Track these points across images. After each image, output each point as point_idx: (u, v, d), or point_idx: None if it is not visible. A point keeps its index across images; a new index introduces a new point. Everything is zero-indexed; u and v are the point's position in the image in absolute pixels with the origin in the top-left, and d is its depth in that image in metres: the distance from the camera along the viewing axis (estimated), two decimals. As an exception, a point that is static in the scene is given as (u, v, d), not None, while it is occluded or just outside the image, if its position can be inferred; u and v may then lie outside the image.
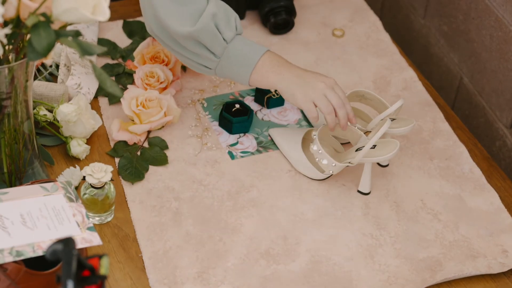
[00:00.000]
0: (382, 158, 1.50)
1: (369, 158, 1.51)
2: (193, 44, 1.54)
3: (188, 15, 1.52)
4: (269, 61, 1.55)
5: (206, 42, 1.53)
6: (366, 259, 1.46)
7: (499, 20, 1.74)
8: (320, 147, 1.51)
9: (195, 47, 1.54)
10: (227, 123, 1.65)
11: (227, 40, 1.54)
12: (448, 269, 1.45)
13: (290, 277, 1.43)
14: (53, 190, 1.35)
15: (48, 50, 1.15)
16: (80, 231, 1.30)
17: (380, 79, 1.81)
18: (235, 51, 1.54)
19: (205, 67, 1.58)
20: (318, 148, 1.52)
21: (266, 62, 1.55)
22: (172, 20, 1.52)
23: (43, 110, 1.59)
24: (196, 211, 1.51)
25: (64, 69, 1.69)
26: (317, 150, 1.52)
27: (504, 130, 1.77)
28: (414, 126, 1.56)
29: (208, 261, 1.44)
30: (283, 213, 1.53)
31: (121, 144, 1.61)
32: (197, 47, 1.54)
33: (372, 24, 1.94)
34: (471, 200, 1.58)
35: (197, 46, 1.54)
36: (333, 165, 1.51)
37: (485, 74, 1.82)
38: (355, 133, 1.55)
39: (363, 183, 1.55)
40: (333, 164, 1.51)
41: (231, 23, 1.55)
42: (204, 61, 1.56)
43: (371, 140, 1.49)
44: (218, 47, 1.54)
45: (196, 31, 1.51)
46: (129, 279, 1.41)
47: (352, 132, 1.56)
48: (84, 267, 1.08)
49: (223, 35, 1.54)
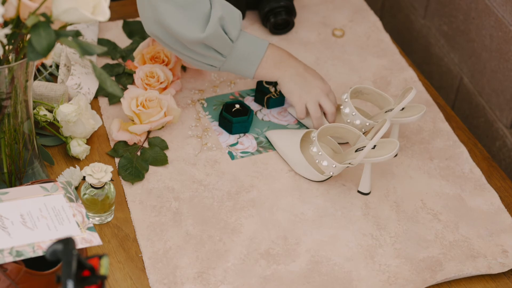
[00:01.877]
0: (382, 158, 1.50)
1: (369, 159, 1.51)
2: (201, 48, 1.58)
3: (195, 20, 1.54)
4: (272, 56, 1.63)
5: (215, 45, 1.57)
6: (366, 259, 1.46)
7: (499, 20, 1.74)
8: (320, 149, 1.51)
9: (203, 50, 1.58)
10: (227, 123, 1.65)
11: (233, 39, 1.59)
12: (448, 269, 1.45)
13: (290, 277, 1.43)
14: (53, 190, 1.35)
15: (48, 50, 1.15)
16: (80, 231, 1.30)
17: (380, 79, 1.81)
18: (240, 49, 1.60)
19: (210, 66, 1.62)
20: (318, 149, 1.51)
21: (270, 58, 1.63)
22: (180, 27, 1.54)
23: (43, 110, 1.59)
24: (196, 211, 1.51)
25: (64, 69, 1.68)
26: (317, 152, 1.52)
27: (504, 130, 1.77)
28: (425, 112, 1.61)
29: (208, 261, 1.44)
30: (283, 213, 1.53)
31: (121, 144, 1.61)
32: (205, 50, 1.58)
33: (372, 24, 1.94)
34: (471, 200, 1.58)
35: (205, 49, 1.58)
36: (334, 166, 1.51)
37: (485, 74, 1.82)
38: (353, 134, 1.55)
39: (363, 183, 1.55)
40: (333, 166, 1.51)
41: (236, 22, 1.59)
42: (210, 60, 1.61)
43: (372, 140, 1.49)
44: (225, 48, 1.59)
45: (206, 37, 1.55)
46: (129, 279, 1.41)
47: (350, 132, 1.56)
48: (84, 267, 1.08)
49: (230, 35, 1.58)
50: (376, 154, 1.51)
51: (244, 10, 1.90)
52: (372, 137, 1.51)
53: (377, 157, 1.50)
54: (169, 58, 1.71)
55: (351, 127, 1.55)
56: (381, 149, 1.52)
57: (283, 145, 1.61)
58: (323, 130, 1.56)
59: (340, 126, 1.56)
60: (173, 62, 1.71)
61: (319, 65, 1.82)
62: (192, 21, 1.54)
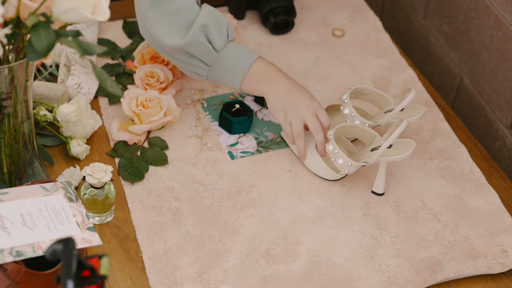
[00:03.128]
0: (398, 157, 1.50)
1: (386, 158, 1.51)
2: (183, 55, 1.55)
3: (177, 26, 1.52)
4: (258, 70, 1.57)
5: (197, 53, 1.55)
6: (366, 259, 1.46)
7: (499, 20, 1.74)
8: (336, 147, 1.51)
9: (186, 58, 1.56)
10: (227, 123, 1.65)
11: (218, 49, 1.55)
12: (448, 269, 1.45)
13: (290, 277, 1.43)
14: (53, 190, 1.35)
15: (48, 50, 1.15)
16: (80, 231, 1.30)
17: (380, 79, 1.81)
18: (226, 59, 1.56)
19: (196, 74, 1.60)
20: (334, 147, 1.51)
21: (256, 71, 1.57)
22: (161, 34, 1.53)
23: (43, 110, 1.59)
24: (196, 211, 1.51)
25: (64, 69, 1.68)
26: (333, 149, 1.52)
27: (504, 130, 1.77)
28: (425, 112, 1.60)
29: (208, 261, 1.44)
30: (283, 213, 1.53)
31: (121, 144, 1.61)
32: (188, 58, 1.56)
33: (372, 24, 1.94)
34: (471, 200, 1.58)
35: (187, 56, 1.56)
36: (349, 164, 1.51)
37: (485, 74, 1.82)
38: (369, 134, 1.55)
39: (377, 183, 1.55)
40: (349, 164, 1.51)
41: (222, 31, 1.55)
42: (195, 69, 1.58)
43: (388, 139, 1.49)
44: (208, 57, 1.55)
45: (186, 44, 1.53)
46: (129, 279, 1.41)
47: (366, 133, 1.55)
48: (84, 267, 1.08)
49: (214, 44, 1.55)
50: (392, 153, 1.51)
51: (244, 10, 1.90)
52: (388, 137, 1.51)
53: (394, 156, 1.50)
54: (169, 58, 1.71)
55: (367, 127, 1.55)
56: (397, 149, 1.52)
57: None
58: (339, 130, 1.56)
59: (355, 126, 1.56)
60: (173, 62, 1.71)
61: (319, 65, 1.82)
62: (175, 28, 1.52)
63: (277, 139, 1.66)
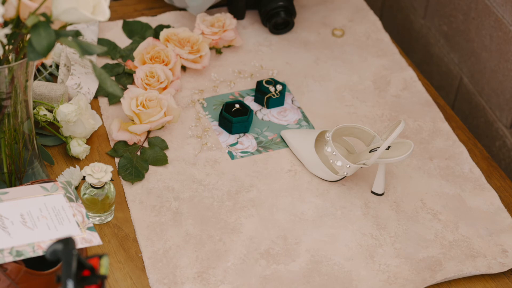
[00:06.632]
0: (397, 159, 1.50)
1: (384, 159, 1.51)
2: None
3: None
4: None
5: None
6: (366, 259, 1.46)
7: (499, 20, 1.74)
8: (334, 149, 1.51)
9: None
10: (227, 123, 1.65)
11: None
12: (448, 269, 1.45)
13: (290, 277, 1.43)
14: (53, 190, 1.35)
15: (48, 50, 1.15)
16: (80, 231, 1.30)
17: (380, 79, 1.81)
18: None
19: None
20: (332, 150, 1.52)
21: None
22: None
23: (43, 110, 1.59)
24: (196, 211, 1.52)
25: (64, 69, 1.69)
26: (331, 152, 1.52)
27: (504, 130, 1.77)
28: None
29: (208, 261, 1.44)
30: (283, 213, 1.53)
31: (121, 144, 1.61)
32: None
33: (372, 24, 1.94)
34: (471, 200, 1.58)
35: None
36: (348, 166, 1.51)
37: (485, 74, 1.82)
38: (368, 134, 1.55)
39: (377, 184, 1.55)
40: (347, 166, 1.51)
41: None
42: None
43: (386, 141, 1.49)
44: None
45: None
46: (129, 279, 1.41)
47: (365, 133, 1.56)
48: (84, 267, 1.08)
49: None
50: (391, 155, 1.51)
51: (244, 10, 1.90)
52: (386, 138, 1.51)
53: (392, 157, 1.50)
54: (169, 58, 1.71)
55: (366, 127, 1.55)
56: (395, 150, 1.52)
57: (297, 145, 1.61)
58: (338, 131, 1.56)
59: (354, 126, 1.56)
60: (173, 62, 1.71)
61: (319, 65, 1.82)
62: None
63: (277, 139, 1.66)
